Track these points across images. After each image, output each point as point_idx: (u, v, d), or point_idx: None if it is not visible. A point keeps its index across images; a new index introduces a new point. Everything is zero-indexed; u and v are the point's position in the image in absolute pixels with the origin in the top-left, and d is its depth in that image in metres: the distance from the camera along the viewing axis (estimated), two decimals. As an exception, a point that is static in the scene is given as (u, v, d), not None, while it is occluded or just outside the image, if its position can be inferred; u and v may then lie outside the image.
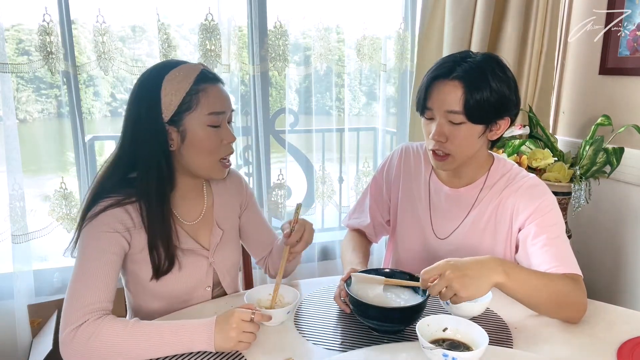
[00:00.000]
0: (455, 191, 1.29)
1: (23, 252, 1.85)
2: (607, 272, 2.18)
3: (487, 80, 1.10)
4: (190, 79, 1.06)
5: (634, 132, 1.92)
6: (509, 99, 1.14)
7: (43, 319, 1.96)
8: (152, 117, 1.05)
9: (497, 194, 1.24)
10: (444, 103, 1.12)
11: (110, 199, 1.06)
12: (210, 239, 1.21)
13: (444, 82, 1.12)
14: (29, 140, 1.92)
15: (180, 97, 1.05)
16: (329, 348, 0.98)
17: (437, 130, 1.14)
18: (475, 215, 1.26)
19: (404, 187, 1.37)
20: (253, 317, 0.96)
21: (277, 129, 2.26)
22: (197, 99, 1.06)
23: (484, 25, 2.10)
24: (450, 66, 1.12)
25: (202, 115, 1.07)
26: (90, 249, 1.03)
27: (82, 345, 0.93)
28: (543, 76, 2.24)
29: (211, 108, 1.07)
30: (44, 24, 1.73)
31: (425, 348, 0.87)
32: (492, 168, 1.27)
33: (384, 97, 2.34)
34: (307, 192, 2.39)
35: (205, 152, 1.09)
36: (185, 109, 1.06)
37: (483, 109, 1.11)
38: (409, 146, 1.41)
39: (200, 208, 1.22)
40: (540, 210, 1.16)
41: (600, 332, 1.03)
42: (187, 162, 1.11)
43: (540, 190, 1.20)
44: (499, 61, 1.15)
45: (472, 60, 1.13)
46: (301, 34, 2.23)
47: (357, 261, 1.28)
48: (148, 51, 1.98)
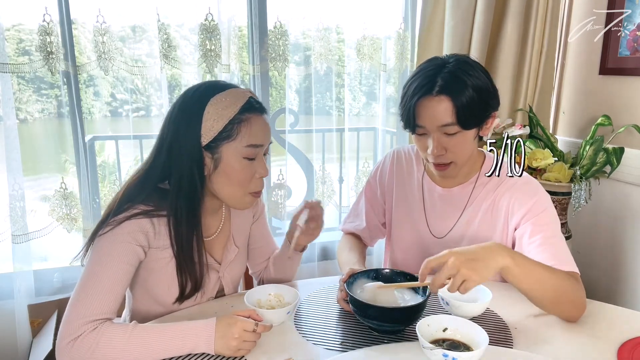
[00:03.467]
0: (448, 191, 1.31)
1: (23, 252, 1.84)
2: (607, 272, 2.18)
3: (467, 85, 1.12)
4: (236, 106, 1.03)
5: (634, 132, 1.92)
6: (490, 93, 1.16)
7: (43, 319, 1.96)
8: (190, 137, 1.03)
9: (491, 192, 1.26)
10: (435, 119, 1.13)
11: (139, 207, 1.03)
12: (223, 254, 1.20)
13: (430, 99, 1.13)
14: (29, 140, 1.92)
15: (222, 124, 1.02)
16: (329, 348, 0.98)
17: (435, 146, 1.16)
18: (470, 213, 1.28)
19: (397, 190, 1.39)
20: (256, 329, 0.95)
21: (277, 129, 2.26)
22: (239, 129, 1.03)
23: (484, 25, 2.10)
24: (430, 81, 1.13)
25: (240, 147, 1.04)
26: (105, 255, 1.00)
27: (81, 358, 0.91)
28: (543, 76, 2.24)
29: (251, 140, 1.04)
30: (44, 24, 1.73)
31: (425, 348, 0.87)
32: (484, 165, 1.29)
33: (384, 97, 2.34)
34: (307, 192, 2.39)
35: (235, 183, 1.07)
36: (224, 137, 1.03)
37: (473, 113, 1.13)
38: (400, 150, 1.43)
39: (218, 223, 1.20)
40: (535, 209, 1.18)
41: (600, 332, 1.03)
42: (215, 189, 1.09)
43: (533, 187, 1.22)
44: (470, 61, 1.17)
45: (447, 69, 1.14)
46: (301, 34, 2.23)
47: (354, 260, 1.29)
48: (148, 51, 1.98)
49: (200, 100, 1.03)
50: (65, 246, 1.97)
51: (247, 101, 1.05)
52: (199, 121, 1.02)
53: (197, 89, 1.06)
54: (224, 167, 1.05)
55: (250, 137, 1.04)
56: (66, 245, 1.96)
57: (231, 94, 1.04)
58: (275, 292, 1.12)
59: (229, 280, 1.23)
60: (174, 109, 1.06)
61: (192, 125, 1.02)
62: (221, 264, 1.19)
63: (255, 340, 0.95)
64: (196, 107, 1.03)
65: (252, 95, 1.08)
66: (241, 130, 1.03)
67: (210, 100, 1.02)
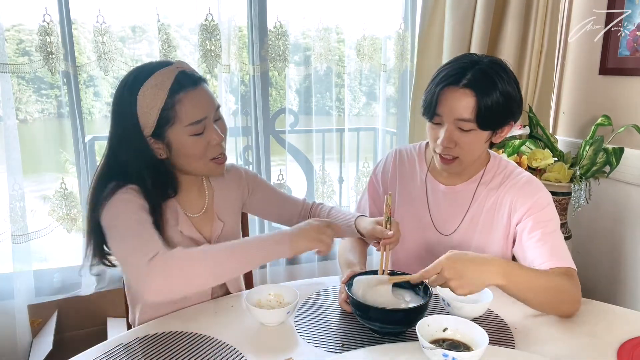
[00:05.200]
0: (451, 188, 1.31)
1: (23, 252, 1.85)
2: (607, 272, 2.18)
3: (497, 87, 1.10)
4: (164, 91, 1.01)
5: (634, 132, 1.92)
6: (516, 103, 1.16)
7: (43, 319, 1.96)
8: (132, 134, 1.04)
9: (494, 190, 1.27)
10: (455, 111, 1.13)
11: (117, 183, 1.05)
12: (211, 231, 1.22)
13: (455, 90, 1.12)
14: (29, 140, 1.92)
15: (156, 114, 1.02)
16: (329, 349, 0.98)
17: (446, 137, 1.15)
18: (474, 211, 1.29)
19: (400, 189, 1.39)
20: None
21: (277, 129, 2.26)
22: (174, 113, 1.03)
23: (484, 25, 2.10)
24: (459, 72, 1.12)
25: (182, 127, 1.04)
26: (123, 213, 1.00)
27: (163, 265, 0.92)
28: (543, 76, 2.24)
29: (190, 119, 1.04)
30: (44, 24, 1.73)
31: (425, 348, 0.87)
32: (489, 165, 1.30)
33: (384, 98, 2.34)
34: (307, 192, 2.39)
35: (194, 158, 1.09)
36: (164, 123, 1.03)
37: (493, 116, 1.12)
38: (402, 149, 1.43)
39: (203, 201, 1.23)
40: (537, 206, 1.20)
41: (600, 332, 1.03)
42: (180, 167, 1.11)
43: (536, 186, 1.24)
44: (504, 65, 1.16)
45: (480, 66, 1.13)
46: (301, 34, 2.23)
47: (354, 261, 1.28)
48: (148, 51, 1.98)
49: (130, 95, 1.02)
50: (65, 246, 1.97)
51: (174, 80, 1.02)
52: (135, 117, 1.03)
53: (123, 87, 1.05)
54: (177, 148, 1.06)
55: (188, 116, 1.03)
56: (66, 246, 1.96)
57: (157, 77, 1.02)
58: (275, 292, 1.12)
59: None
60: (112, 108, 1.07)
61: (130, 122, 1.03)
62: (211, 242, 1.21)
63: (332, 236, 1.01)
64: (128, 104, 1.03)
65: (180, 69, 1.05)
66: (177, 113, 1.03)
67: (138, 92, 1.02)
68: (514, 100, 1.14)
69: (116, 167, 1.08)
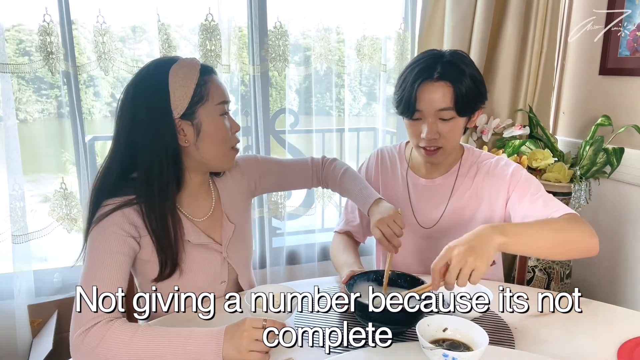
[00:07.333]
0: (431, 182, 1.37)
1: (23, 252, 1.84)
2: (607, 272, 2.18)
3: (466, 74, 1.20)
4: (196, 70, 1.06)
5: (634, 132, 1.92)
6: (483, 85, 1.25)
7: (43, 319, 1.96)
8: (159, 115, 1.03)
9: (471, 181, 1.33)
10: (435, 103, 1.20)
11: (113, 200, 1.04)
12: (222, 234, 1.20)
13: (431, 84, 1.19)
14: (29, 140, 1.92)
15: (191, 89, 1.04)
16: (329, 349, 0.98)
17: (430, 130, 1.22)
18: (455, 202, 1.34)
19: (383, 188, 1.44)
20: (265, 325, 0.89)
21: (277, 129, 2.25)
22: (207, 90, 1.07)
23: (484, 25, 2.10)
24: (430, 67, 1.20)
25: (214, 105, 1.08)
26: (99, 251, 1.00)
27: (90, 352, 0.90)
28: (543, 76, 2.24)
29: (220, 97, 1.09)
30: (44, 24, 1.73)
31: (425, 348, 0.87)
32: (464, 156, 1.37)
33: (384, 98, 2.34)
34: (307, 193, 2.39)
35: (221, 141, 1.11)
36: (197, 102, 1.05)
37: (469, 100, 1.21)
38: (384, 149, 1.50)
39: (209, 204, 1.21)
40: (513, 180, 1.26)
41: (600, 332, 1.03)
42: (203, 155, 1.10)
43: (505, 164, 1.31)
44: (464, 53, 1.27)
45: (446, 58, 1.21)
46: (301, 34, 2.23)
47: (351, 261, 1.29)
48: (148, 51, 1.98)
49: (160, 75, 1.04)
50: (65, 246, 1.97)
51: (201, 65, 1.08)
52: (167, 95, 1.03)
53: (148, 69, 1.07)
54: (206, 129, 1.08)
55: (219, 95, 1.09)
56: (66, 246, 1.96)
57: (185, 61, 1.07)
58: (275, 292, 1.12)
59: (237, 260, 1.22)
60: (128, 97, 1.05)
61: (159, 103, 1.03)
62: (222, 244, 1.19)
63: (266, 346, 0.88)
64: (158, 83, 1.03)
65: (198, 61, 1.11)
66: (209, 90, 1.07)
67: (169, 72, 1.04)
68: (481, 83, 1.24)
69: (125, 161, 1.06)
